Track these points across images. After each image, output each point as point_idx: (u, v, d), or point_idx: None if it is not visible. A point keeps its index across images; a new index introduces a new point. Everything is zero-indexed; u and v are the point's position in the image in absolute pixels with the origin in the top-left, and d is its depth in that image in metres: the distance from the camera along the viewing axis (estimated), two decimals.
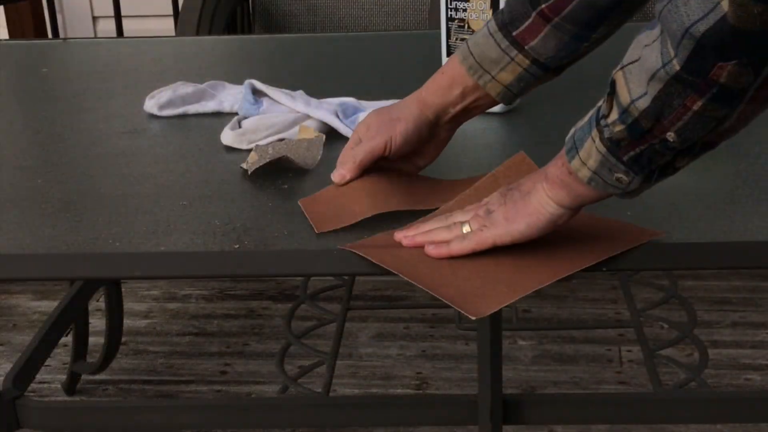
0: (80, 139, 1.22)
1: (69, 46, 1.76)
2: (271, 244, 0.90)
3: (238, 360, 2.09)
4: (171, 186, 1.05)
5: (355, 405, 1.28)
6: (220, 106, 1.30)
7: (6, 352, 2.16)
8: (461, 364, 2.04)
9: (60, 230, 0.94)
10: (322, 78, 1.42)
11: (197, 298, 2.35)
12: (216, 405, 1.28)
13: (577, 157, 0.77)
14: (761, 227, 0.89)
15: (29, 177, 1.09)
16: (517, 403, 1.19)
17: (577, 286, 2.32)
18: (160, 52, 1.63)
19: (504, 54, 0.93)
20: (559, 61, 0.93)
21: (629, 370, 2.00)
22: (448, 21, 1.24)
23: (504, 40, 0.93)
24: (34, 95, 1.44)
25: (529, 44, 0.92)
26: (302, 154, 1.08)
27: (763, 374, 1.97)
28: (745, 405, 1.22)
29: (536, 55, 0.92)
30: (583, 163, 0.76)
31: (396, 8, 2.60)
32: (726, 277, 2.33)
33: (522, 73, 0.93)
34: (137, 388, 2.02)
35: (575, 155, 0.77)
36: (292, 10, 2.64)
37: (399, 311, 2.25)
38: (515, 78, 0.94)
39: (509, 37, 0.92)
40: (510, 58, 0.93)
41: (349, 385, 1.99)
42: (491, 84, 0.94)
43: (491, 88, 0.95)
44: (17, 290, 2.41)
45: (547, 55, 0.92)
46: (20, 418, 1.24)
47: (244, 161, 1.08)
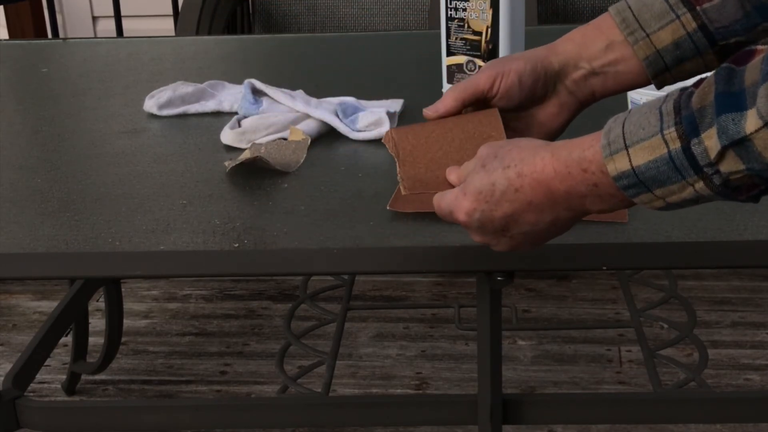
0: (80, 139, 1.22)
1: (69, 46, 1.76)
2: (271, 244, 0.90)
3: (238, 360, 2.09)
4: (171, 185, 1.05)
5: (355, 405, 1.28)
6: (220, 106, 1.30)
7: (6, 352, 2.16)
8: (461, 364, 2.04)
9: (60, 230, 0.94)
10: (322, 78, 1.42)
11: (197, 298, 2.35)
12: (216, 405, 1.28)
13: (648, 194, 0.67)
14: (761, 227, 0.89)
15: (29, 177, 1.09)
16: (517, 403, 1.19)
17: (577, 286, 2.32)
18: (159, 52, 1.63)
19: (670, 10, 0.80)
20: (729, 36, 0.80)
21: (629, 370, 2.00)
22: (448, 21, 1.24)
23: None
24: (34, 95, 1.44)
25: (703, 5, 0.79)
26: (288, 156, 1.09)
27: (763, 374, 1.97)
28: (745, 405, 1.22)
29: (707, 20, 0.79)
30: (659, 198, 0.67)
31: (396, 8, 2.60)
32: (726, 277, 2.33)
33: (683, 38, 0.80)
34: (137, 388, 2.02)
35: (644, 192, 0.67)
36: (292, 10, 2.64)
37: (399, 311, 2.25)
38: (673, 42, 0.80)
39: None
40: (675, 16, 0.80)
41: (349, 385, 1.99)
42: (643, 43, 0.81)
43: (640, 49, 0.82)
44: (17, 290, 2.41)
45: (720, 23, 0.79)
46: (20, 418, 1.23)
47: (229, 159, 1.09)
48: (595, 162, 0.68)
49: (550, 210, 0.73)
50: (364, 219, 0.95)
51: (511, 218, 0.74)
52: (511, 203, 0.74)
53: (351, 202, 0.99)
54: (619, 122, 0.68)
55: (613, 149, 0.67)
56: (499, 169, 0.74)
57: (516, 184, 0.73)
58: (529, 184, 0.73)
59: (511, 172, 0.73)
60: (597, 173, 0.69)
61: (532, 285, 2.33)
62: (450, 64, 1.26)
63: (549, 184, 0.72)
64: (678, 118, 0.64)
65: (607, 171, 0.67)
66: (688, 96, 0.64)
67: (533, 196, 0.73)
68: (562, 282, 2.34)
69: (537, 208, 0.73)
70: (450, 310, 2.22)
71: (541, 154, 0.72)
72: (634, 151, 0.66)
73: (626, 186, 0.67)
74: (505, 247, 0.78)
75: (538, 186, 0.72)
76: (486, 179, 0.75)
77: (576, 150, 0.70)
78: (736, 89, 0.61)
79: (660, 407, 1.21)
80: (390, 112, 1.19)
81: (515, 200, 0.74)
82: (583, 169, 0.69)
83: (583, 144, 0.70)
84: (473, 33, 1.23)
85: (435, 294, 2.32)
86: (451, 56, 1.26)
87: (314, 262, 0.90)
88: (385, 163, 1.12)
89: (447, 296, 2.31)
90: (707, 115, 0.62)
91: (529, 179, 0.73)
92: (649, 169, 0.65)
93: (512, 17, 1.21)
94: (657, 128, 0.65)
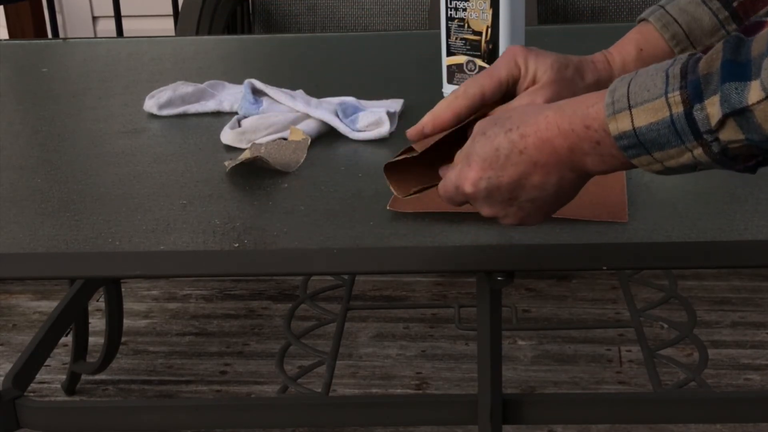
0: (80, 138, 1.22)
1: (69, 46, 1.76)
2: (271, 244, 0.90)
3: (238, 360, 2.09)
4: (171, 185, 1.05)
5: (355, 405, 1.28)
6: (220, 106, 1.30)
7: (6, 352, 2.16)
8: (461, 364, 2.04)
9: (60, 229, 0.94)
10: (322, 78, 1.42)
11: (197, 298, 2.35)
12: (216, 405, 1.28)
13: (647, 156, 0.67)
14: (761, 227, 0.89)
15: (29, 177, 1.09)
16: (517, 403, 1.19)
17: (577, 286, 2.32)
18: (159, 52, 1.63)
19: (720, 26, 0.81)
20: None
21: (629, 370, 2.00)
22: (448, 21, 1.24)
23: (723, 10, 0.82)
24: (34, 95, 1.43)
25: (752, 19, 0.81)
26: (288, 156, 1.09)
27: (763, 374, 1.97)
28: (745, 405, 1.22)
29: None
30: (657, 161, 0.67)
31: (396, 8, 2.60)
32: (726, 277, 2.33)
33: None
34: (137, 388, 2.02)
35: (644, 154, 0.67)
36: (292, 10, 2.64)
37: (399, 311, 2.25)
38: None
39: (729, 7, 0.81)
40: (726, 32, 0.81)
41: (349, 385, 1.99)
42: None
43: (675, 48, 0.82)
44: (17, 290, 2.41)
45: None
46: (20, 418, 1.23)
47: (229, 159, 1.09)
48: (598, 119, 0.68)
49: (556, 169, 0.72)
50: (364, 219, 0.95)
51: (518, 183, 0.74)
52: (516, 166, 0.73)
53: (351, 202, 0.99)
54: (625, 82, 0.67)
55: (617, 108, 0.67)
56: (501, 134, 0.73)
57: (520, 146, 0.72)
58: (534, 144, 0.72)
59: (514, 135, 0.73)
60: (599, 131, 0.68)
61: (532, 285, 2.33)
62: (450, 64, 1.26)
63: (553, 142, 0.71)
64: (683, 82, 0.64)
65: (609, 130, 0.67)
66: (695, 61, 0.64)
67: (538, 155, 0.72)
68: (562, 282, 2.34)
69: (543, 168, 0.72)
70: (450, 310, 2.22)
71: (544, 113, 0.72)
72: (636, 112, 0.66)
73: (626, 146, 0.67)
74: (514, 219, 0.77)
75: (542, 144, 0.72)
76: (489, 145, 0.74)
77: (580, 107, 0.70)
78: (742, 59, 0.61)
79: (660, 407, 1.21)
80: (390, 112, 1.19)
81: (520, 162, 0.73)
82: (586, 126, 0.69)
83: (588, 101, 0.70)
84: (473, 33, 1.23)
85: (435, 294, 2.32)
86: (451, 56, 1.26)
87: (314, 262, 0.90)
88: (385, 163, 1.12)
89: (447, 296, 2.31)
90: (712, 81, 0.62)
91: (533, 138, 0.72)
92: (649, 131, 0.65)
93: (512, 17, 1.21)
94: (662, 90, 0.64)
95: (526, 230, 0.91)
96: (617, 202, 0.94)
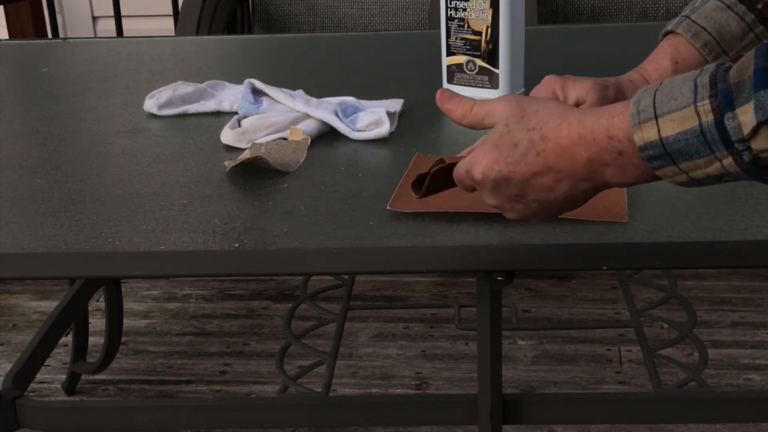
0: (80, 138, 1.22)
1: (69, 46, 1.76)
2: (271, 244, 0.90)
3: (238, 360, 2.09)
4: (171, 185, 1.05)
5: (355, 405, 1.28)
6: (220, 106, 1.30)
7: (6, 352, 2.16)
8: (461, 364, 2.04)
9: (60, 229, 0.94)
10: (322, 78, 1.42)
11: (197, 298, 2.35)
12: (216, 405, 1.28)
13: (673, 167, 0.66)
14: (761, 227, 0.89)
15: (29, 177, 1.09)
16: (517, 403, 1.19)
17: (577, 286, 2.32)
18: (159, 52, 1.63)
19: (749, 29, 0.81)
20: None
21: (629, 370, 2.00)
22: (448, 21, 1.24)
23: (748, 13, 0.81)
24: (34, 95, 1.43)
25: None
26: (288, 156, 1.09)
27: (763, 374, 1.97)
28: (745, 405, 1.22)
29: None
30: (683, 172, 0.66)
31: (396, 8, 2.60)
32: (726, 277, 2.33)
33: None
34: (137, 388, 2.02)
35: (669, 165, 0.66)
36: (292, 10, 2.64)
37: (399, 311, 2.25)
38: None
39: (754, 9, 0.81)
40: (755, 35, 0.81)
41: (349, 385, 1.99)
42: None
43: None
44: (17, 290, 2.41)
45: None
46: (20, 418, 1.23)
47: (229, 159, 1.09)
48: (623, 129, 0.67)
49: (569, 178, 0.71)
50: (364, 219, 0.95)
51: (527, 181, 0.73)
52: (530, 165, 0.72)
53: (351, 202, 0.99)
54: (650, 92, 0.67)
55: (642, 118, 0.66)
56: (524, 130, 0.72)
57: (539, 147, 0.72)
58: (552, 149, 0.71)
59: (536, 135, 0.72)
60: (623, 141, 0.67)
61: (532, 285, 2.33)
62: (450, 64, 1.26)
63: (572, 151, 0.70)
64: (713, 91, 0.62)
65: (634, 140, 0.66)
66: (725, 70, 0.63)
67: (554, 161, 0.71)
68: (562, 282, 2.34)
69: (556, 174, 0.72)
70: (450, 310, 2.22)
71: (567, 120, 0.71)
72: (663, 122, 0.64)
73: (651, 157, 0.66)
74: (517, 214, 0.76)
75: (561, 151, 0.71)
76: (509, 139, 0.73)
77: (604, 116, 0.69)
78: None
79: (660, 407, 1.21)
80: (390, 112, 1.19)
81: (535, 163, 0.72)
82: (609, 136, 0.68)
83: (612, 111, 0.69)
84: (473, 33, 1.23)
85: (435, 294, 2.32)
86: (451, 56, 1.26)
87: (314, 262, 0.90)
88: (385, 163, 1.12)
89: (447, 296, 2.31)
90: (744, 89, 0.61)
91: (552, 144, 0.71)
92: (677, 141, 0.64)
93: (512, 17, 1.21)
94: (690, 100, 0.63)
95: (526, 230, 0.91)
96: (617, 202, 0.94)
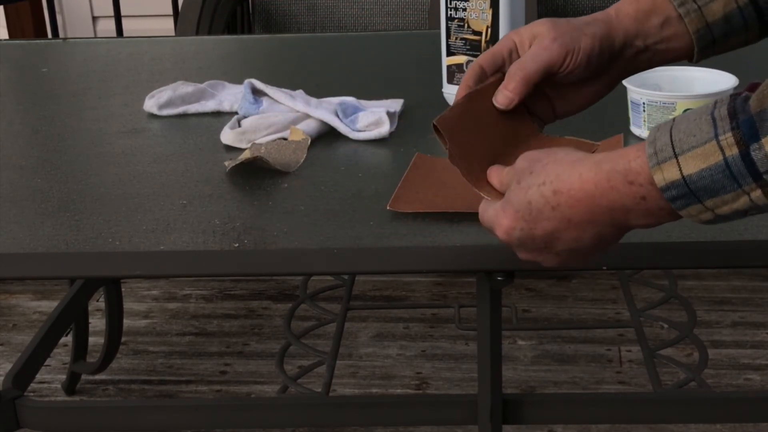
0: (80, 138, 1.22)
1: (69, 46, 1.76)
2: (271, 244, 0.90)
3: (238, 360, 2.09)
4: (171, 185, 1.05)
5: (355, 405, 1.28)
6: (220, 106, 1.30)
7: (6, 352, 2.16)
8: (461, 364, 2.04)
9: (60, 229, 0.94)
10: (322, 78, 1.42)
11: (197, 298, 2.35)
12: (216, 405, 1.28)
13: (698, 206, 0.63)
14: (761, 227, 0.89)
15: (29, 177, 1.09)
16: (517, 403, 1.19)
17: (577, 286, 2.32)
18: (159, 52, 1.63)
19: None
20: None
21: (629, 370, 2.00)
22: (448, 21, 1.24)
23: None
24: (34, 95, 1.44)
25: None
26: (288, 156, 1.09)
27: (763, 374, 1.97)
28: (745, 405, 1.22)
29: None
30: (708, 209, 0.64)
31: (396, 8, 2.60)
32: (726, 277, 2.33)
33: (733, 10, 0.79)
34: (137, 388, 2.02)
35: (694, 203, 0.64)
36: (292, 10, 2.64)
37: (399, 311, 2.25)
38: (723, 15, 0.79)
39: None
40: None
41: (349, 385, 1.99)
42: (695, 16, 0.79)
43: (692, 22, 0.79)
44: (17, 290, 2.41)
45: None
46: (20, 418, 1.23)
47: (229, 159, 1.09)
48: (643, 173, 0.64)
49: (591, 227, 0.69)
50: (364, 219, 0.95)
51: (552, 236, 0.71)
52: (549, 221, 0.70)
53: (351, 202, 0.99)
54: (664, 131, 0.64)
55: (661, 158, 0.63)
56: (534, 186, 0.70)
57: (552, 202, 0.69)
58: (566, 202, 0.69)
59: (547, 190, 0.70)
60: (645, 185, 0.64)
61: (532, 285, 2.33)
62: (450, 64, 1.26)
63: (588, 202, 0.68)
64: (734, 123, 0.60)
65: (655, 181, 0.63)
66: (743, 100, 0.61)
67: (571, 213, 0.69)
68: (562, 282, 2.34)
69: (577, 225, 0.70)
70: (450, 310, 2.22)
71: (578, 170, 0.68)
72: (684, 159, 0.62)
73: (674, 197, 0.63)
74: (554, 263, 0.74)
75: (576, 203, 0.68)
76: (522, 197, 0.71)
77: (621, 161, 0.66)
78: None
79: (660, 407, 1.21)
80: (390, 112, 1.19)
81: (553, 218, 0.70)
82: (629, 181, 0.65)
83: (628, 155, 0.66)
84: (473, 33, 1.23)
85: (435, 294, 2.32)
86: (451, 56, 1.26)
87: (314, 262, 0.90)
88: (385, 163, 1.12)
89: (447, 296, 2.31)
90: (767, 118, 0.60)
91: (565, 197, 0.69)
92: (701, 178, 0.61)
93: (512, 17, 1.21)
94: (711, 134, 0.61)
95: None
96: None
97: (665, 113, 1.11)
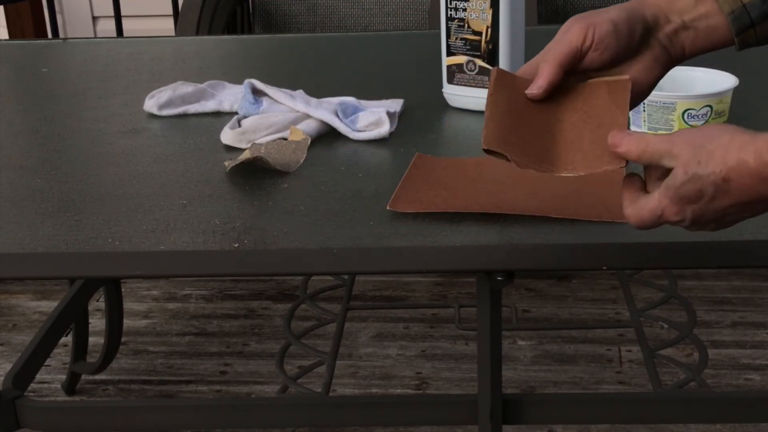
0: (80, 138, 1.22)
1: (69, 46, 1.76)
2: (271, 244, 0.90)
3: (238, 360, 2.09)
4: (171, 185, 1.05)
5: (355, 405, 1.28)
6: (220, 106, 1.30)
7: (6, 352, 2.16)
8: (461, 364, 2.04)
9: (60, 229, 0.94)
10: (322, 78, 1.42)
11: (197, 298, 2.35)
12: (216, 405, 1.28)
13: None
14: (761, 227, 0.89)
15: (29, 177, 1.09)
16: (517, 403, 1.19)
17: (577, 286, 2.32)
18: (159, 52, 1.63)
19: None
20: None
21: (629, 370, 2.00)
22: (448, 21, 1.24)
23: None
24: (34, 95, 1.44)
25: None
26: (288, 156, 1.09)
27: (763, 374, 1.97)
28: (745, 405, 1.22)
29: None
30: None
31: (396, 8, 2.60)
32: (726, 277, 2.33)
33: None
34: (137, 388, 2.02)
35: None
36: (292, 10, 2.64)
37: (399, 311, 2.25)
38: None
39: None
40: None
41: (349, 385, 1.99)
42: None
43: (726, 3, 0.78)
44: (17, 290, 2.41)
45: None
46: (20, 418, 1.24)
47: (229, 159, 1.09)
48: None
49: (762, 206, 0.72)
50: (364, 219, 0.95)
51: (724, 211, 0.72)
52: (722, 200, 0.72)
53: (351, 202, 0.99)
54: None
55: None
56: (704, 177, 0.71)
57: (723, 188, 0.71)
58: (737, 188, 0.70)
59: (718, 179, 0.71)
60: None
61: (532, 285, 2.33)
62: (450, 64, 1.26)
63: (758, 188, 0.69)
64: None
65: None
66: None
67: (741, 197, 0.71)
68: (562, 282, 2.34)
69: (747, 205, 0.71)
70: (450, 310, 2.22)
71: (743, 157, 0.69)
72: None
73: None
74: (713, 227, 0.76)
75: (747, 190, 0.70)
76: (693, 189, 0.72)
77: None
78: None
79: (660, 407, 1.21)
80: (390, 112, 1.19)
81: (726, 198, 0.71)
82: None
83: None
84: (473, 33, 1.23)
85: (435, 294, 2.32)
86: (451, 56, 1.26)
87: (314, 262, 0.90)
88: (385, 163, 1.12)
89: (447, 296, 2.31)
90: None
91: (736, 184, 0.70)
92: None
93: (512, 17, 1.21)
94: None
95: (526, 230, 0.91)
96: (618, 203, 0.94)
97: (665, 113, 1.11)
